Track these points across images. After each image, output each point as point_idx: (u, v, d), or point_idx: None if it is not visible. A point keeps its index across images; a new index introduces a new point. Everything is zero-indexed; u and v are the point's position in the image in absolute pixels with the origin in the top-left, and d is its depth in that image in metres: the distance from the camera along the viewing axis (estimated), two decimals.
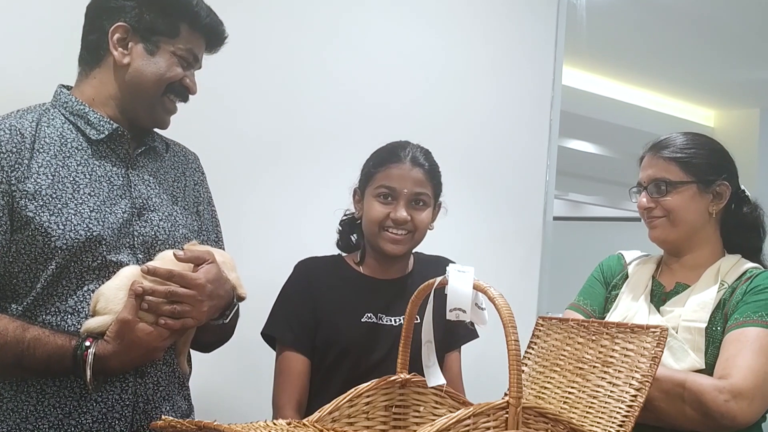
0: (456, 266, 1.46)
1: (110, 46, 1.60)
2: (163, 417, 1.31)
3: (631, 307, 1.88)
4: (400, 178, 1.92)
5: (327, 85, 2.63)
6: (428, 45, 2.90)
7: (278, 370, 1.97)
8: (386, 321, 1.95)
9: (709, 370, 1.72)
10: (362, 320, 1.94)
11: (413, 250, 2.05)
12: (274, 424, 1.33)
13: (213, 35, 1.69)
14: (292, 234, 2.48)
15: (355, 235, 2.07)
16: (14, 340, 1.47)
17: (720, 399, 1.63)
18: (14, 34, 2.08)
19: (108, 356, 1.49)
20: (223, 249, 1.82)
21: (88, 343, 1.48)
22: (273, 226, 2.49)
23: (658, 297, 1.89)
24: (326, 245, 2.11)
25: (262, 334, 2.01)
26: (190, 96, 1.69)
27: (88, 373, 1.47)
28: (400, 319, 1.93)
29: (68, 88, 1.67)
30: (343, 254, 2.08)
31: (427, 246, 2.09)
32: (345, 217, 2.10)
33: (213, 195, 1.87)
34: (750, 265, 1.84)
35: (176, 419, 1.28)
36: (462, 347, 2.11)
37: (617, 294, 1.95)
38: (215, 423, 1.25)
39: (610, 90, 6.49)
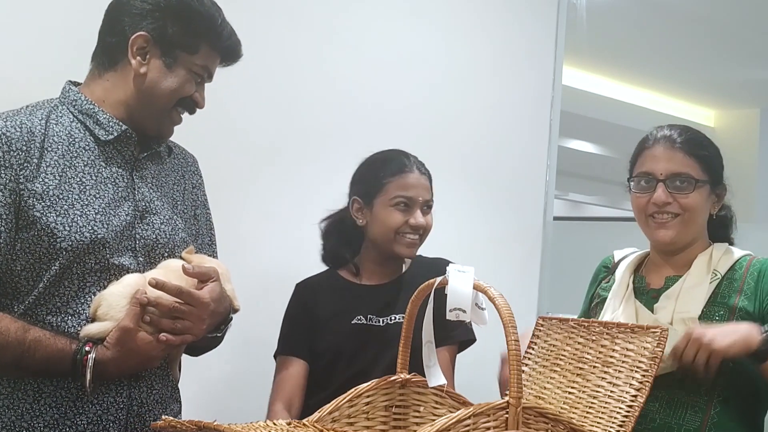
0: (456, 266, 1.46)
1: (129, 54, 1.58)
2: (163, 417, 1.31)
3: (616, 311, 1.82)
4: (414, 187, 2.01)
5: (324, 85, 2.62)
6: (428, 45, 2.90)
7: (274, 377, 2.05)
8: (375, 322, 2.01)
9: None
10: (352, 323, 2.02)
11: None
12: (274, 424, 1.33)
13: (230, 55, 1.69)
14: (289, 234, 2.48)
15: (348, 240, 2.10)
16: (15, 341, 1.46)
17: None
18: (25, 35, 2.06)
19: (107, 362, 1.48)
20: (216, 252, 1.82)
21: (87, 348, 1.48)
22: (271, 227, 2.48)
23: (648, 296, 1.83)
24: None
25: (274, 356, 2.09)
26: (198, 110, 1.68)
27: (88, 377, 1.47)
28: (388, 319, 2.01)
29: (76, 84, 1.65)
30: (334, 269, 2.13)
31: (427, 246, 2.08)
32: (328, 226, 2.12)
33: (209, 196, 1.85)
34: (741, 253, 1.80)
35: (176, 419, 1.28)
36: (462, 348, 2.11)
37: (606, 297, 1.90)
38: (215, 423, 1.25)
39: (610, 90, 6.50)
